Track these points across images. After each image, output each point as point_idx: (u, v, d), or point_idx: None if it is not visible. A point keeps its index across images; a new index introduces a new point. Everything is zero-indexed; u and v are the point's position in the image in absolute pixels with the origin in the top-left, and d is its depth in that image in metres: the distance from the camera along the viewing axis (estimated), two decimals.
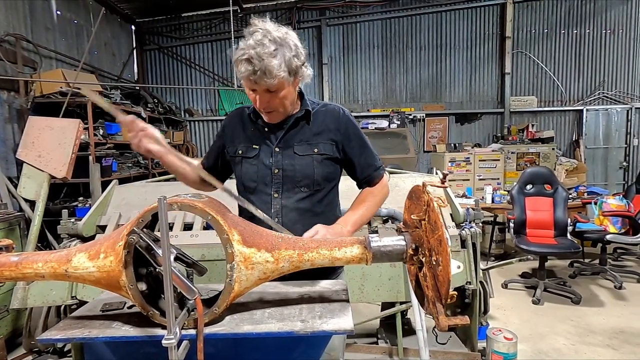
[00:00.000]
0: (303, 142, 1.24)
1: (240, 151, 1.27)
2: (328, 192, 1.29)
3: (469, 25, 6.71)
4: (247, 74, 1.07)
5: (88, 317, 0.93)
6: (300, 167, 1.23)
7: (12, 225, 2.91)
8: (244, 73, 1.07)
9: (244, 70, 1.07)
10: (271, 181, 1.23)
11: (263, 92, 1.12)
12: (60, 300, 2.01)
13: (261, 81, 1.07)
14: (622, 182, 6.83)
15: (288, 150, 1.24)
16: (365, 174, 1.32)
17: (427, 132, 6.87)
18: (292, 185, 1.23)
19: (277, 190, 1.23)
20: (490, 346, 2.25)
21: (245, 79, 1.09)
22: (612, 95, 6.77)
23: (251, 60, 1.05)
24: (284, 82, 1.11)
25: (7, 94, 3.71)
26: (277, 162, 1.23)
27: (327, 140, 1.25)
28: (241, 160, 1.27)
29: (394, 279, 2.13)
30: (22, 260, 0.86)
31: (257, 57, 1.04)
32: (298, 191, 1.24)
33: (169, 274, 0.75)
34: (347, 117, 1.30)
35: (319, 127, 1.26)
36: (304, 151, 1.23)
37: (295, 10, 6.57)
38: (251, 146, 1.26)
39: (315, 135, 1.25)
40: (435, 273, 0.82)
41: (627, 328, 2.94)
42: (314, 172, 1.24)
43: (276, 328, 0.84)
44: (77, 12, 4.97)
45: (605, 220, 3.93)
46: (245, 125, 1.30)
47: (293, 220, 1.22)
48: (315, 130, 1.26)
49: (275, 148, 1.24)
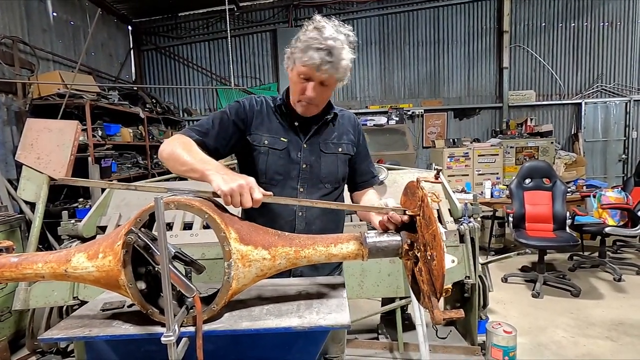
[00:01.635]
0: (328, 142, 1.29)
1: (266, 142, 1.24)
2: (342, 190, 1.36)
3: (467, 20, 6.69)
4: (319, 62, 1.09)
5: (89, 317, 0.95)
6: (326, 164, 1.27)
7: (12, 227, 2.92)
8: (316, 60, 1.09)
9: (318, 58, 1.09)
10: (298, 175, 1.25)
11: (318, 84, 1.15)
12: (62, 301, 2.02)
13: (328, 72, 1.11)
14: (621, 175, 6.83)
15: (315, 147, 1.27)
16: (363, 179, 1.39)
17: (425, 128, 6.87)
18: (316, 181, 1.26)
19: (303, 185, 1.25)
20: (490, 340, 2.26)
21: (311, 67, 1.10)
22: (611, 88, 6.76)
23: (331, 51, 1.09)
24: (338, 79, 1.17)
25: (5, 97, 3.71)
26: (306, 158, 1.25)
27: (348, 141, 1.33)
28: (267, 151, 1.24)
29: (393, 275, 2.14)
30: (22, 261, 0.87)
31: (331, 48, 1.08)
32: (322, 187, 1.27)
33: (166, 272, 0.76)
34: (360, 124, 1.40)
35: (341, 129, 1.33)
36: (330, 150, 1.28)
37: (292, 7, 6.55)
38: (279, 138, 1.25)
39: (339, 136, 1.31)
40: (430, 267, 0.83)
41: (626, 320, 2.96)
42: (338, 170, 1.29)
43: (274, 324, 0.85)
44: (74, 13, 4.96)
45: (604, 213, 3.94)
46: (270, 116, 1.28)
47: (315, 215, 1.26)
48: (338, 132, 1.32)
49: (304, 144, 1.26)
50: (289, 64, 1.19)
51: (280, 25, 6.62)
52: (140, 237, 0.81)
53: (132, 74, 6.59)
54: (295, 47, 1.15)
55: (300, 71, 1.14)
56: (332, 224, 1.32)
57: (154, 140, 5.61)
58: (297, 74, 1.15)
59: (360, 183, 1.39)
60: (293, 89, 1.21)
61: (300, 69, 1.13)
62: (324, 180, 1.27)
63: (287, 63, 1.21)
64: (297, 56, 1.14)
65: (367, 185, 1.39)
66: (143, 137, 5.26)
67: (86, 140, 3.87)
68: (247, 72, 6.82)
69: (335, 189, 1.31)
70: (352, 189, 1.42)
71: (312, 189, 1.26)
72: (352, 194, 1.43)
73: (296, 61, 1.14)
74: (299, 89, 1.17)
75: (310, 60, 1.10)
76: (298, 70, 1.14)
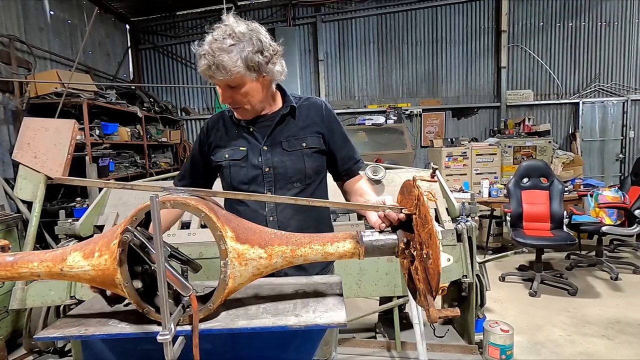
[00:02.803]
0: (291, 138, 1.24)
1: (226, 155, 1.25)
2: (318, 185, 1.30)
3: (465, 20, 6.70)
4: (203, 68, 1.10)
5: (85, 316, 0.94)
6: (291, 162, 1.23)
7: (9, 227, 2.91)
8: (201, 68, 1.10)
9: (200, 65, 1.10)
10: (263, 180, 1.23)
11: (225, 88, 1.14)
12: (59, 300, 2.02)
13: (216, 76, 1.09)
14: (618, 174, 6.86)
15: (276, 147, 1.23)
16: (346, 167, 1.33)
17: (423, 127, 6.87)
18: (284, 182, 1.23)
19: (270, 189, 1.23)
20: (487, 338, 2.27)
21: (204, 74, 1.12)
22: (608, 87, 6.78)
23: (205, 56, 1.08)
24: (244, 77, 1.11)
25: (2, 96, 3.70)
26: (267, 161, 1.23)
27: (313, 133, 1.26)
28: (229, 164, 1.25)
29: (391, 274, 2.15)
30: (18, 260, 0.87)
31: (210, 53, 1.07)
32: (291, 187, 1.24)
33: (162, 271, 0.76)
34: (329, 110, 1.33)
35: (304, 121, 1.27)
36: (292, 146, 1.24)
37: (291, 6, 6.54)
38: (238, 148, 1.25)
39: (301, 129, 1.26)
40: (426, 266, 0.83)
41: (622, 318, 2.98)
42: (305, 166, 1.24)
43: (270, 323, 0.85)
44: (71, 11, 4.94)
45: (601, 212, 3.96)
46: (228, 128, 1.28)
47: (288, 217, 1.24)
48: (301, 124, 1.26)
49: (263, 147, 1.23)
50: None
51: (279, 25, 6.61)
52: (136, 235, 0.81)
53: (129, 72, 6.57)
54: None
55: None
56: (312, 221, 1.27)
57: (152, 140, 5.60)
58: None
59: (344, 171, 1.33)
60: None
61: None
62: (291, 179, 1.23)
63: None
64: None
65: (353, 173, 1.34)
66: (141, 136, 5.25)
67: (84, 139, 3.86)
68: None
69: (308, 186, 1.26)
70: (338, 179, 1.37)
71: (281, 190, 1.23)
72: (340, 184, 1.38)
73: None
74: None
75: (200, 68, 1.11)
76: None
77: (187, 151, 6.71)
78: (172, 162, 6.52)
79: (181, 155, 6.62)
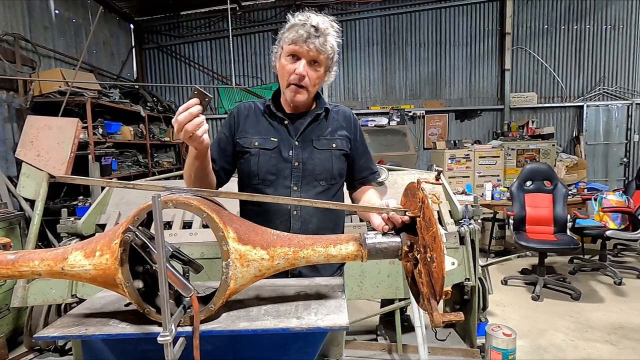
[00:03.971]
0: (321, 138, 1.27)
1: (256, 143, 1.24)
2: (339, 187, 1.33)
3: (469, 22, 6.68)
4: (306, 35, 1.12)
5: (85, 315, 0.94)
6: (320, 160, 1.25)
7: (12, 225, 2.92)
8: (303, 34, 1.12)
9: (304, 32, 1.12)
10: (291, 174, 1.23)
11: (309, 61, 1.17)
12: (61, 299, 2.02)
13: (315, 43, 1.13)
14: (622, 178, 6.82)
15: (307, 144, 1.25)
16: (362, 175, 1.36)
17: (426, 129, 6.86)
18: (311, 179, 1.24)
19: (297, 183, 1.24)
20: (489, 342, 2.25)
21: (298, 40, 1.13)
22: (613, 91, 6.75)
23: (317, 28, 1.12)
24: (326, 61, 1.18)
25: (6, 94, 3.71)
26: (297, 156, 1.24)
27: (342, 136, 1.30)
28: (258, 152, 1.23)
29: (393, 276, 2.14)
30: (19, 259, 0.87)
31: (320, 26, 1.13)
32: (316, 185, 1.25)
33: (163, 271, 0.75)
34: (356, 119, 1.38)
35: (334, 124, 1.31)
36: (322, 146, 1.26)
37: (294, 7, 6.55)
38: (269, 138, 1.25)
39: (332, 131, 1.29)
40: (430, 270, 0.82)
41: (626, 324, 2.95)
42: (332, 166, 1.26)
43: (272, 325, 0.85)
44: (76, 11, 4.96)
45: (605, 216, 3.93)
46: (258, 118, 1.28)
47: (310, 214, 1.25)
48: (332, 127, 1.30)
49: (295, 142, 1.25)
50: (276, 55, 1.23)
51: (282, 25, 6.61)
52: (138, 235, 0.81)
53: (133, 72, 6.59)
54: (281, 34, 1.19)
55: (288, 50, 1.16)
56: (330, 223, 1.30)
57: (155, 139, 5.62)
58: (286, 55, 1.17)
59: (359, 180, 1.36)
60: (282, 75, 1.21)
61: (288, 48, 1.16)
62: (318, 177, 1.25)
63: (274, 58, 1.24)
64: (284, 37, 1.17)
65: (366, 182, 1.36)
66: (144, 135, 5.26)
67: (87, 138, 3.87)
68: (249, 72, 6.82)
69: (332, 186, 1.28)
70: (350, 187, 1.39)
71: (307, 186, 1.24)
72: (351, 192, 1.40)
73: (283, 44, 1.17)
74: (287, 71, 1.18)
75: (297, 35, 1.13)
76: (286, 50, 1.17)
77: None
78: (175, 161, 6.53)
79: (184, 154, 6.63)
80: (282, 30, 1.20)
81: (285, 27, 1.18)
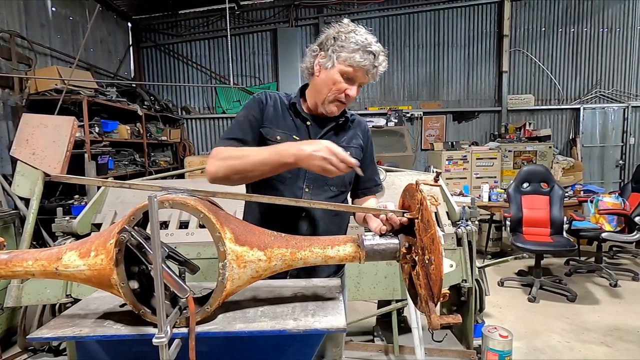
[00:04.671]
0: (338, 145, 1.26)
1: (278, 137, 1.21)
2: (347, 194, 1.35)
3: (467, 24, 6.70)
4: (369, 67, 1.14)
5: (80, 316, 0.93)
6: None
7: (6, 224, 2.89)
8: (366, 65, 1.14)
9: (368, 63, 1.14)
10: (305, 175, 1.23)
11: (359, 86, 1.20)
12: (55, 299, 2.00)
13: (373, 77, 1.17)
14: (618, 181, 6.86)
15: None
16: (366, 185, 1.37)
17: (424, 130, 6.87)
18: (322, 183, 1.24)
19: (309, 186, 1.23)
20: (486, 344, 2.25)
21: (361, 69, 1.14)
22: (609, 93, 6.79)
23: (377, 57, 1.15)
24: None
25: (2, 91, 3.68)
26: None
27: (357, 145, 1.32)
28: None
29: (390, 277, 2.13)
30: (12, 258, 0.86)
31: (381, 56, 1.16)
32: (327, 189, 1.25)
33: (159, 272, 0.74)
34: (369, 130, 1.40)
35: (351, 133, 1.32)
36: None
37: (293, 7, 6.54)
38: (292, 135, 1.23)
39: (348, 139, 1.30)
40: (428, 272, 0.81)
41: (621, 325, 2.96)
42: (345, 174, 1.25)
43: (269, 326, 0.84)
44: (73, 8, 4.93)
45: (601, 218, 3.95)
46: (284, 113, 1.27)
47: (318, 217, 1.25)
48: (349, 135, 1.31)
49: None
50: (325, 62, 1.17)
51: (281, 25, 6.61)
52: (134, 235, 0.80)
53: (130, 71, 6.55)
54: (338, 45, 1.14)
55: (345, 71, 1.15)
56: (335, 227, 1.31)
57: (152, 138, 5.59)
58: (340, 73, 1.15)
59: (362, 189, 1.37)
60: (327, 88, 1.18)
61: (346, 69, 1.14)
62: (330, 182, 1.25)
63: (318, 62, 1.19)
64: (343, 55, 1.14)
65: (369, 193, 1.37)
66: (141, 134, 5.24)
67: (83, 136, 3.84)
68: (247, 72, 6.81)
69: (342, 193, 1.30)
70: (353, 195, 1.40)
71: (318, 190, 1.24)
72: (352, 200, 1.42)
73: (340, 60, 1.14)
74: (337, 88, 1.17)
75: (363, 62, 1.13)
76: (341, 69, 1.15)
77: (187, 150, 6.70)
78: (172, 160, 6.51)
79: (181, 154, 6.61)
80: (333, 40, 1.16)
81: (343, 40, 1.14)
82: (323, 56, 1.18)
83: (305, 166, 0.99)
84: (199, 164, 5.42)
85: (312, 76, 1.24)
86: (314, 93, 1.23)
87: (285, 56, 6.49)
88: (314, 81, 1.23)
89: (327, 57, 1.17)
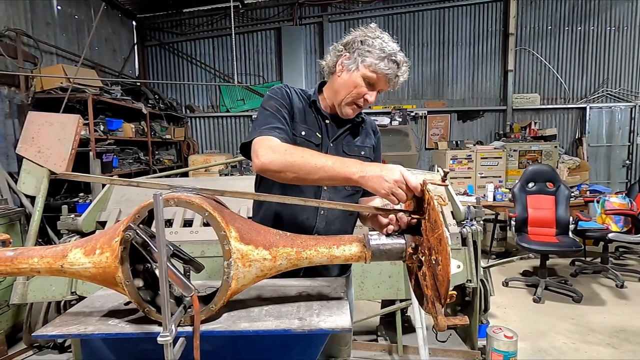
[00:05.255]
0: (351, 144, 1.29)
1: (303, 132, 1.21)
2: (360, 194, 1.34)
3: (472, 22, 6.66)
4: (392, 75, 1.14)
5: (85, 314, 0.93)
6: None
7: (12, 221, 2.91)
8: (388, 71, 1.13)
9: (392, 71, 1.13)
10: None
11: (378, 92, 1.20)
12: (60, 296, 2.01)
13: (394, 86, 1.18)
14: (625, 181, 6.79)
15: (339, 147, 1.27)
16: None
17: (428, 129, 6.84)
18: None
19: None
20: (490, 344, 2.24)
21: (385, 76, 1.14)
22: (616, 93, 6.72)
23: (400, 66, 1.14)
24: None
25: (8, 90, 3.70)
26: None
27: (370, 145, 1.34)
28: (303, 142, 1.20)
29: (394, 277, 2.13)
30: (18, 256, 0.86)
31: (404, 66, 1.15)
32: (342, 189, 1.26)
33: (164, 270, 0.74)
34: (378, 131, 1.41)
35: (364, 133, 1.34)
36: (353, 152, 1.28)
37: (297, 6, 6.53)
38: (315, 133, 1.24)
39: (362, 139, 1.32)
40: (435, 272, 0.80)
41: (628, 327, 2.93)
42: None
43: (273, 326, 0.83)
44: (78, 7, 4.95)
45: (607, 218, 3.91)
46: (305, 108, 1.26)
47: (335, 216, 1.26)
48: (362, 135, 1.33)
49: (330, 143, 1.25)
50: (349, 63, 1.16)
51: (285, 24, 6.60)
52: (139, 233, 0.79)
53: (135, 69, 6.58)
54: (364, 50, 1.14)
55: (368, 76, 1.14)
56: (349, 227, 1.33)
57: (156, 137, 5.61)
58: (362, 77, 1.15)
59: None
60: (346, 90, 1.18)
61: (369, 74, 1.14)
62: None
63: (344, 62, 1.18)
64: (368, 60, 1.13)
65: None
66: (145, 133, 5.25)
67: (88, 134, 3.86)
68: (251, 70, 6.81)
69: (357, 192, 1.30)
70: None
71: (336, 188, 1.25)
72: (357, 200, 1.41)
73: (365, 64, 1.14)
74: (358, 92, 1.17)
75: (387, 70, 1.13)
76: (365, 74, 1.14)
77: (191, 148, 6.71)
78: (176, 159, 6.52)
79: (185, 152, 6.62)
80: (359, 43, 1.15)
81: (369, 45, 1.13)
82: (347, 57, 1.17)
83: (370, 187, 0.92)
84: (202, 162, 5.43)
85: (333, 75, 1.23)
86: (332, 93, 1.23)
87: (289, 55, 6.48)
88: (334, 80, 1.22)
89: (352, 60, 1.16)
